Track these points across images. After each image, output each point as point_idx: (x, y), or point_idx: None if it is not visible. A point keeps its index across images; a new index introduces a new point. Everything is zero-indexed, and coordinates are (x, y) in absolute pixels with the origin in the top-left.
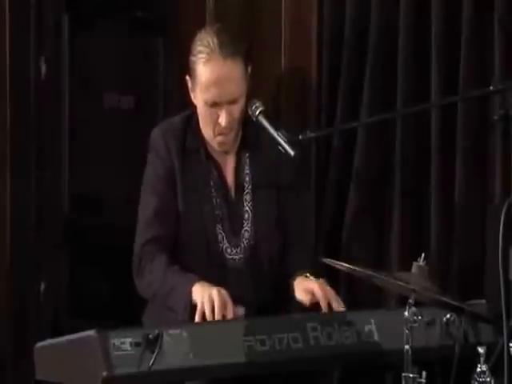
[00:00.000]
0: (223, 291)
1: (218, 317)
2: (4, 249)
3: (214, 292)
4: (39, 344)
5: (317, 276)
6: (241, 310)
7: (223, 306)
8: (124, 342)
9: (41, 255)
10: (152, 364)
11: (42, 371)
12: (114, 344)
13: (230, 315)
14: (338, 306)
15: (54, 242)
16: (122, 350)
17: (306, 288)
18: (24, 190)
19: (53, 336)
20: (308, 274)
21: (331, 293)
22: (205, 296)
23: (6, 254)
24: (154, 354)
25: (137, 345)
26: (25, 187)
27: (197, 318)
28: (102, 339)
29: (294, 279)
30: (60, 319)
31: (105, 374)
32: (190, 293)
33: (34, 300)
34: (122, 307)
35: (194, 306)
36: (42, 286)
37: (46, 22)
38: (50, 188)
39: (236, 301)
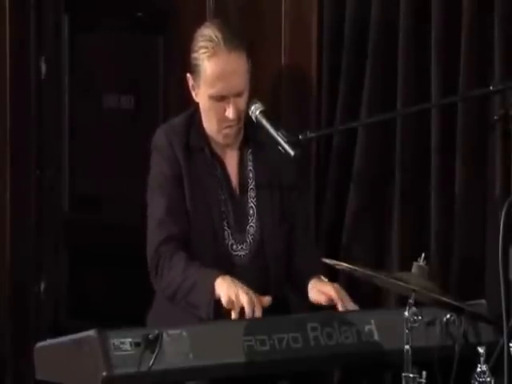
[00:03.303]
0: (250, 291)
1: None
2: (4, 248)
3: (241, 293)
4: (39, 344)
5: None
6: (266, 301)
7: (252, 308)
8: (124, 342)
9: (41, 255)
10: (152, 364)
11: (42, 371)
12: (113, 344)
13: (258, 314)
14: (353, 308)
15: (54, 242)
16: (122, 350)
17: (321, 290)
18: (24, 190)
19: (53, 336)
20: (322, 277)
21: (346, 296)
22: (232, 296)
23: (6, 253)
24: (154, 354)
25: (137, 345)
26: (25, 187)
27: (233, 316)
28: (101, 339)
29: (309, 279)
30: (60, 319)
31: (105, 374)
32: (213, 287)
33: (34, 300)
34: (123, 307)
35: (216, 301)
36: (42, 286)
37: (46, 22)
38: (50, 188)
39: None
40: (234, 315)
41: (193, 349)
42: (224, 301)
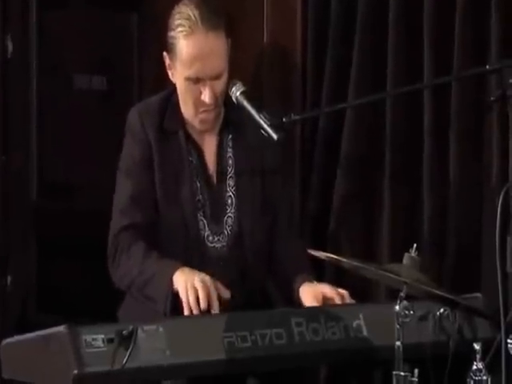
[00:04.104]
0: (206, 278)
1: (203, 307)
2: None
3: (197, 280)
4: (6, 341)
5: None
6: (226, 293)
7: (207, 296)
8: (96, 339)
9: (7, 245)
10: (126, 362)
11: (9, 369)
12: (85, 340)
13: (215, 305)
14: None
15: (22, 231)
16: (94, 347)
17: (316, 294)
18: None
19: (20, 332)
20: (315, 282)
21: (344, 293)
22: (188, 285)
23: None
24: (128, 351)
25: (110, 341)
26: None
27: (185, 312)
28: (72, 335)
29: (298, 284)
30: (28, 314)
31: (76, 372)
32: (171, 281)
33: (1, 293)
34: (95, 301)
35: (175, 295)
36: (9, 279)
37: None
38: (17, 174)
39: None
40: (185, 308)
41: (170, 345)
42: (181, 293)
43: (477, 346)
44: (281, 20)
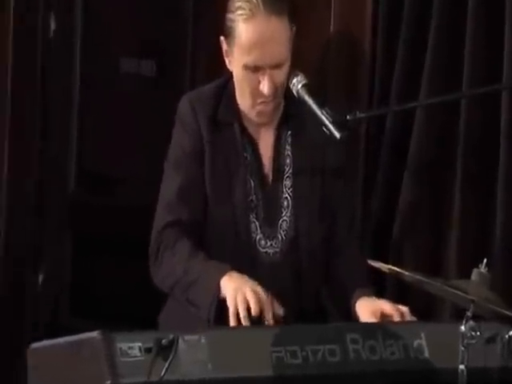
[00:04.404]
0: (259, 288)
1: (254, 317)
2: None
3: (248, 290)
4: (34, 345)
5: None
6: (280, 310)
7: (259, 308)
8: (132, 347)
9: (40, 241)
10: (164, 374)
11: (36, 377)
12: (120, 349)
13: (268, 318)
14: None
15: (57, 225)
16: (130, 357)
17: (374, 310)
18: (23, 164)
19: (51, 336)
20: (373, 297)
21: (405, 310)
22: (237, 293)
23: (0, 238)
24: (167, 363)
25: (147, 351)
26: (25, 160)
27: (231, 322)
28: (106, 342)
29: (356, 298)
30: (60, 317)
31: (109, 382)
32: (218, 286)
33: (31, 293)
34: (134, 305)
35: (221, 301)
36: (41, 278)
37: None
38: (54, 162)
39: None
40: (231, 319)
41: (212, 358)
42: (229, 301)
43: None
44: (350, 5)
